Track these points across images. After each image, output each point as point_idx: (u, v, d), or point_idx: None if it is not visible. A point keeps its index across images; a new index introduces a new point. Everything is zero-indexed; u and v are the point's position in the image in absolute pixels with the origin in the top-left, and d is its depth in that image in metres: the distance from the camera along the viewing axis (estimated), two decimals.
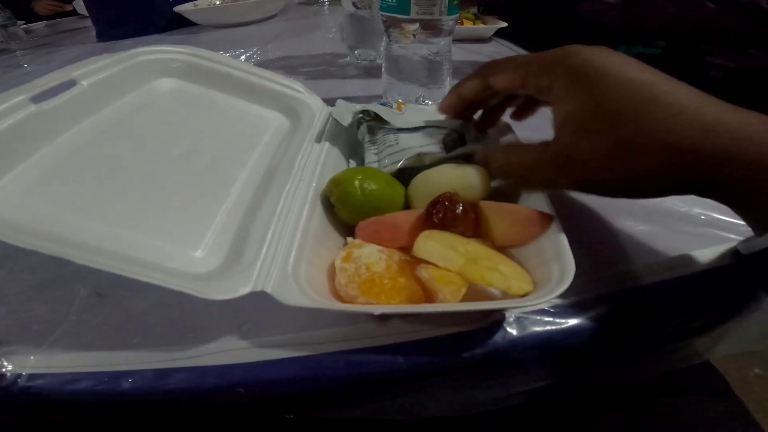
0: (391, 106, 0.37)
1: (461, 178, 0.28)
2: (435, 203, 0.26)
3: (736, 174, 0.20)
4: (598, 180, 0.23)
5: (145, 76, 0.39)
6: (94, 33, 1.06)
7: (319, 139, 0.36)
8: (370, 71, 0.63)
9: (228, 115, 0.41)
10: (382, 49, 0.48)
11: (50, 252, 0.21)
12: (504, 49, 0.76)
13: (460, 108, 0.32)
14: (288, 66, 0.70)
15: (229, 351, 0.25)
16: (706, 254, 0.28)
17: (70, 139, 0.31)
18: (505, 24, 0.77)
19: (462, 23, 0.79)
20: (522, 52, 0.73)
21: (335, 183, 0.29)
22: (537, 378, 0.27)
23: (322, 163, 0.33)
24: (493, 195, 0.28)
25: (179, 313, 0.27)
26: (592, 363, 0.28)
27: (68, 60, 0.92)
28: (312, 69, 0.67)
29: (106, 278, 0.22)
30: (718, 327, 0.29)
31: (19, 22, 1.25)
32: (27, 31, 1.30)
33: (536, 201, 0.26)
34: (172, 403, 0.25)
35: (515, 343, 0.24)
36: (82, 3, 1.21)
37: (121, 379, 0.24)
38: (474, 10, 0.86)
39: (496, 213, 0.26)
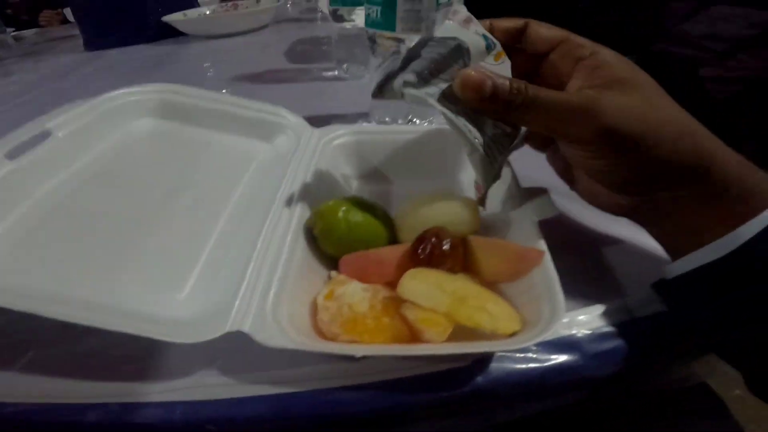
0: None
1: (449, 213, 0.27)
2: (421, 239, 0.25)
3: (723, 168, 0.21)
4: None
5: (121, 119, 0.39)
6: (82, 41, 1.04)
7: (303, 167, 0.34)
8: (360, 87, 0.62)
9: (209, 150, 0.40)
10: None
11: (19, 308, 0.21)
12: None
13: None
14: (274, 79, 0.70)
15: (199, 387, 0.24)
16: None
17: (49, 193, 0.31)
18: None
19: None
20: None
21: (319, 215, 0.28)
22: (522, 411, 0.27)
23: (305, 192, 0.32)
24: (483, 230, 0.28)
25: (149, 345, 0.26)
26: (579, 396, 0.27)
27: (56, 69, 0.93)
28: (298, 84, 0.67)
29: None
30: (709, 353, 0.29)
31: (8, 30, 1.22)
32: (17, 39, 1.27)
33: (527, 235, 0.26)
34: None
35: (498, 382, 0.24)
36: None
37: (87, 412, 0.23)
38: None
39: (486, 249, 0.25)
